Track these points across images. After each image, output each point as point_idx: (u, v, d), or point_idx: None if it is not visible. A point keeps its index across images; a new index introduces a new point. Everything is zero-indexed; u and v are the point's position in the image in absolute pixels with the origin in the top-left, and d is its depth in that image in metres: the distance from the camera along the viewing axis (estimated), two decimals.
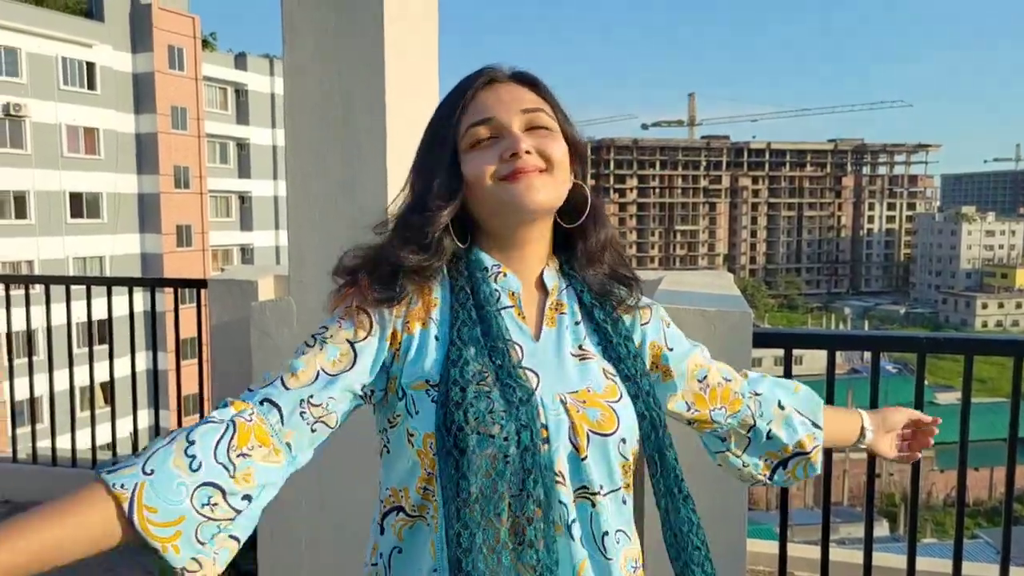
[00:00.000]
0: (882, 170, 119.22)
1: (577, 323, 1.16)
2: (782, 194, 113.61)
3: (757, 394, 1.33)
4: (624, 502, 1.11)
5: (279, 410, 1.01)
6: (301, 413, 1.01)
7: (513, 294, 1.13)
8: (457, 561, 0.96)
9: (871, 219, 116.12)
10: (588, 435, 1.05)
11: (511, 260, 1.14)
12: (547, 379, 1.07)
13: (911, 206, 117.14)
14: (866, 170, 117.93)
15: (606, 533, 1.05)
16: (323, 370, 1.03)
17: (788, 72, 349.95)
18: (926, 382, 2.65)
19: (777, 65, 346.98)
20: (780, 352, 2.73)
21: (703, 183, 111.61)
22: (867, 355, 2.69)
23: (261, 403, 1.01)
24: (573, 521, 1.03)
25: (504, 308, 1.11)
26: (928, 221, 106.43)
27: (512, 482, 0.98)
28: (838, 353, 2.70)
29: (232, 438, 0.96)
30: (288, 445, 1.01)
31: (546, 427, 1.03)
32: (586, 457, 1.04)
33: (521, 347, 1.09)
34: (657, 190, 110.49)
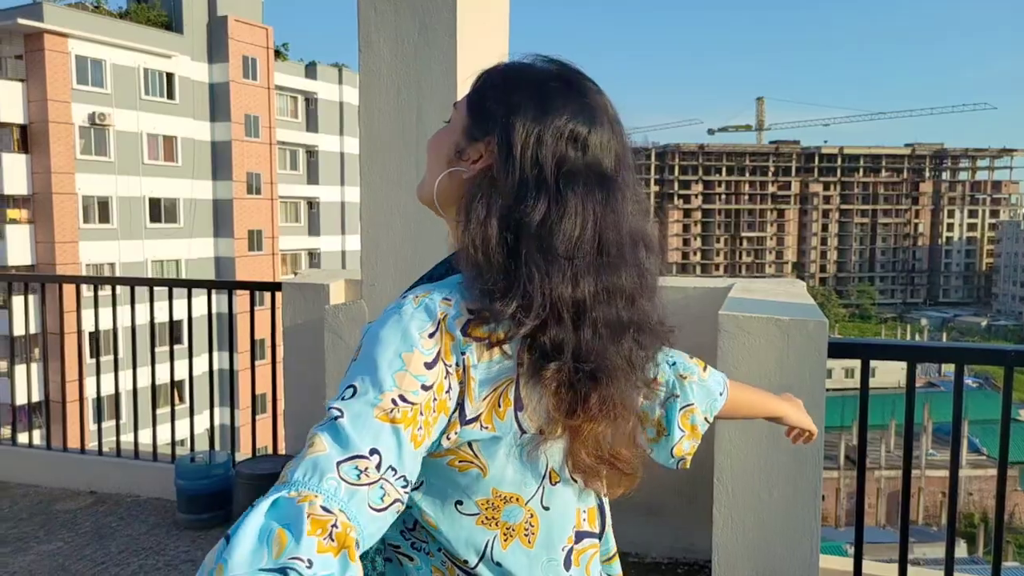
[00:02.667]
0: (963, 175, 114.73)
1: None
2: (855, 200, 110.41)
3: None
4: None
5: None
6: None
7: None
8: None
9: (951, 227, 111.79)
10: None
11: None
12: None
13: (994, 213, 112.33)
14: (946, 175, 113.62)
15: None
16: None
17: (863, 75, 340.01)
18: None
19: (851, 67, 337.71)
20: (849, 363, 2.65)
21: (771, 189, 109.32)
22: (945, 368, 2.61)
23: None
24: None
25: None
26: (1013, 229, 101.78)
27: None
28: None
29: None
30: None
31: None
32: None
33: None
34: (723, 196, 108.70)
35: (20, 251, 28.54)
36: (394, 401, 0.83)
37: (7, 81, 28.35)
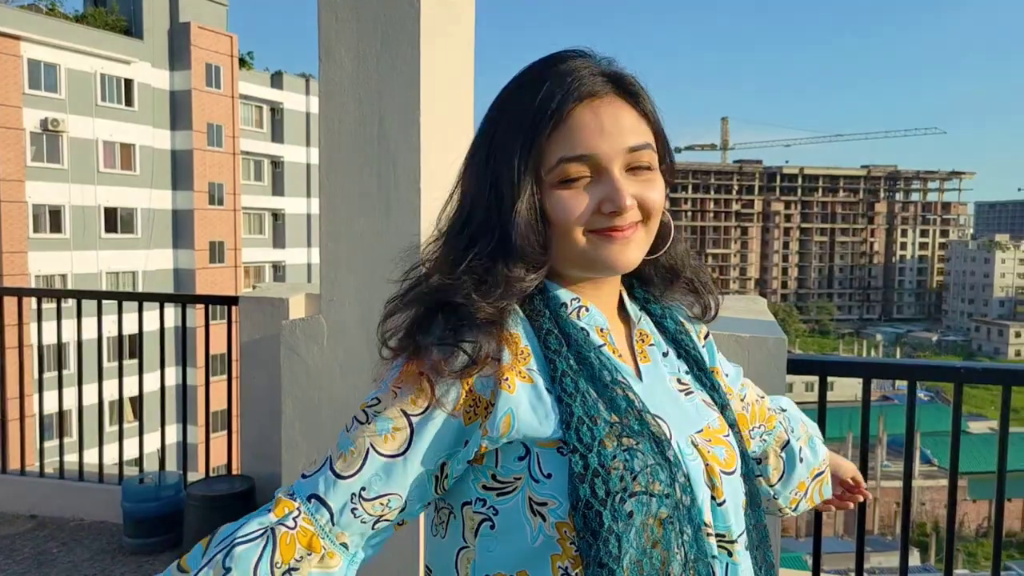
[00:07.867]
0: (915, 197, 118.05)
1: (665, 354, 1.03)
2: (814, 219, 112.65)
3: (783, 410, 1.33)
4: (745, 547, 0.97)
5: (328, 509, 0.87)
6: (353, 510, 0.88)
7: (602, 330, 0.96)
8: None
9: (904, 246, 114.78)
10: (720, 475, 0.93)
11: (585, 292, 0.97)
12: (672, 421, 0.92)
13: (944, 233, 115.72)
14: (899, 196, 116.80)
15: None
16: (374, 448, 0.87)
17: (822, 97, 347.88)
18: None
19: (812, 90, 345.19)
20: (810, 378, 2.70)
21: (735, 207, 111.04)
22: (899, 382, 2.65)
23: (309, 500, 0.88)
24: None
25: (597, 347, 0.93)
26: (961, 249, 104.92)
27: (677, 546, 0.86)
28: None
29: (273, 553, 0.85)
30: (344, 545, 0.89)
31: (687, 476, 0.89)
32: (724, 501, 0.92)
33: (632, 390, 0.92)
34: (689, 214, 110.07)
35: None
36: None
37: None
